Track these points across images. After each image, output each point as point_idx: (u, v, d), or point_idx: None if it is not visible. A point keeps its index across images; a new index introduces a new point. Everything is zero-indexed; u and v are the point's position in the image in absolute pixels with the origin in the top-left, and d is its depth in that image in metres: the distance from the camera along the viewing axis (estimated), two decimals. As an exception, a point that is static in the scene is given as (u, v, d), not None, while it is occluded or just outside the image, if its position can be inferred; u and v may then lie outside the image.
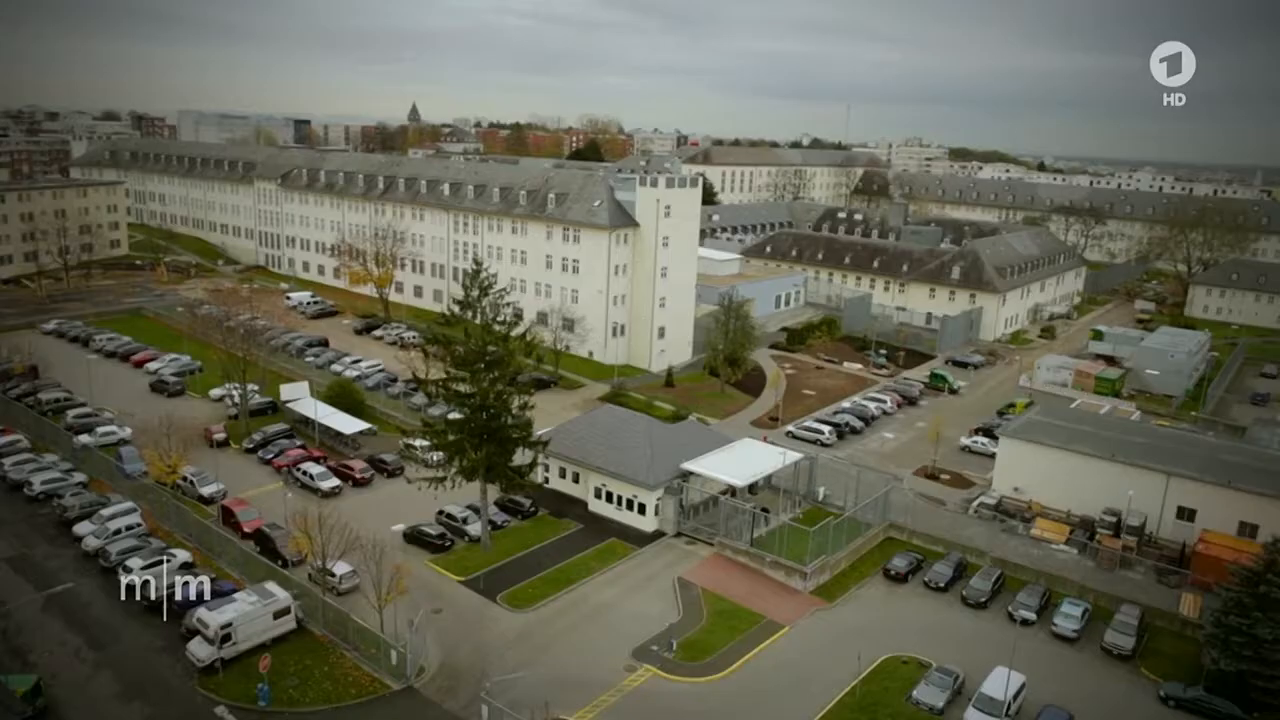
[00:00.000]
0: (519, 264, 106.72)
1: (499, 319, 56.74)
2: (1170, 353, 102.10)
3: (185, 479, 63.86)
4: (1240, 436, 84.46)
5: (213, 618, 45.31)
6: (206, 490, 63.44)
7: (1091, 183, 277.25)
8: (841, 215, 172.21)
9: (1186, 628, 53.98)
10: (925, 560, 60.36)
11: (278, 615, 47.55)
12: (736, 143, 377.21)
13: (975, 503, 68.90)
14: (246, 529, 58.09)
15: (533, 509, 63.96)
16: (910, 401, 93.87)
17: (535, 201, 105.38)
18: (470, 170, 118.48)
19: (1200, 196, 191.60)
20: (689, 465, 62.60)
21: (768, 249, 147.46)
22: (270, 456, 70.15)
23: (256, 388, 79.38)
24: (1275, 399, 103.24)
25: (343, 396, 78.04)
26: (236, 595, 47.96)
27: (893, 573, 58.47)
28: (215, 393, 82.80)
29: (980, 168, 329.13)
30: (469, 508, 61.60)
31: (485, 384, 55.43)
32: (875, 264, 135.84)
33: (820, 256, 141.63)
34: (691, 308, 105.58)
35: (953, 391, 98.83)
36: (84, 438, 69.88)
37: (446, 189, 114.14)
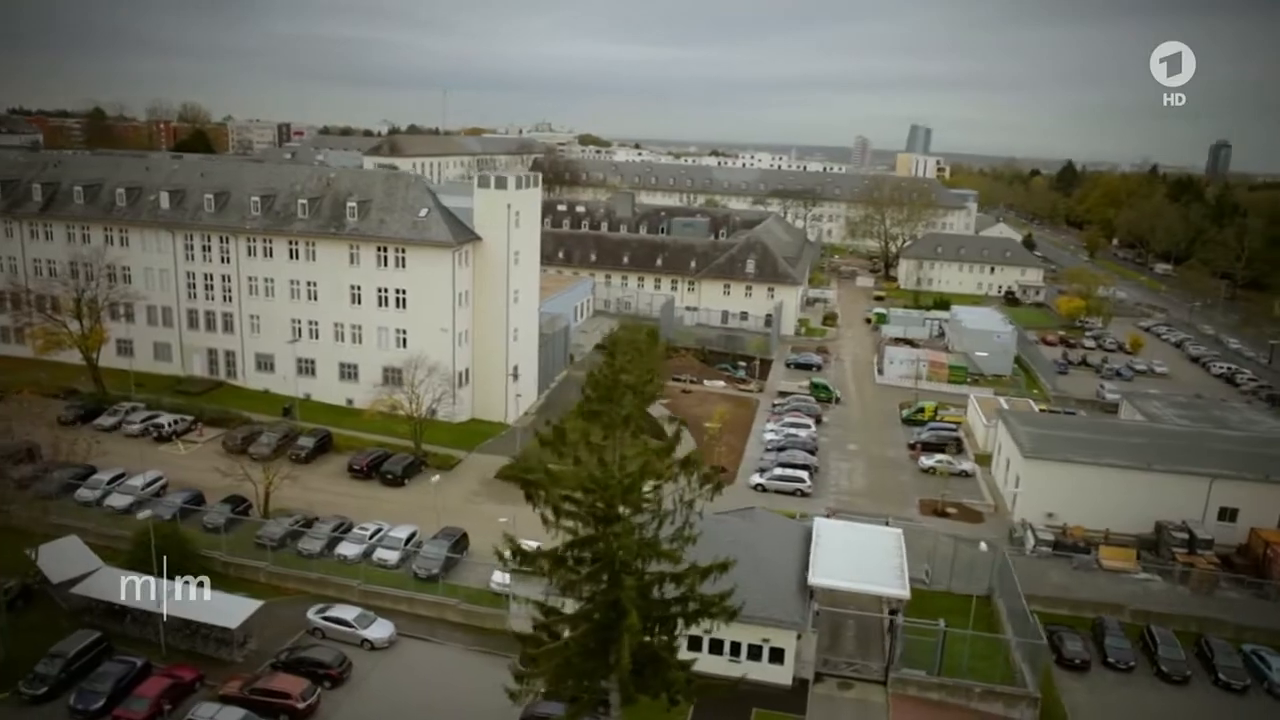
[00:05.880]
0: (305, 300, 77.32)
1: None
2: (996, 333, 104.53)
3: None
4: (1115, 412, 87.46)
5: None
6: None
7: (725, 162, 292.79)
8: (562, 208, 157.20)
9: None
10: (1069, 631, 50.40)
11: None
12: (334, 130, 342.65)
13: (1031, 542, 60.50)
14: None
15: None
16: (817, 420, 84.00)
17: (323, 213, 76.63)
18: (191, 172, 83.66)
19: (892, 177, 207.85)
20: (821, 580, 45.48)
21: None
22: (97, 707, 38.90)
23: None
24: (1072, 365, 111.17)
25: (169, 553, 47.08)
26: None
27: (1077, 661, 47.66)
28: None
29: (614, 151, 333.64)
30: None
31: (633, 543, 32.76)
32: (658, 262, 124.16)
33: (593, 257, 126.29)
34: (536, 337, 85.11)
35: (837, 401, 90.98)
36: None
37: (165, 199, 79.28)
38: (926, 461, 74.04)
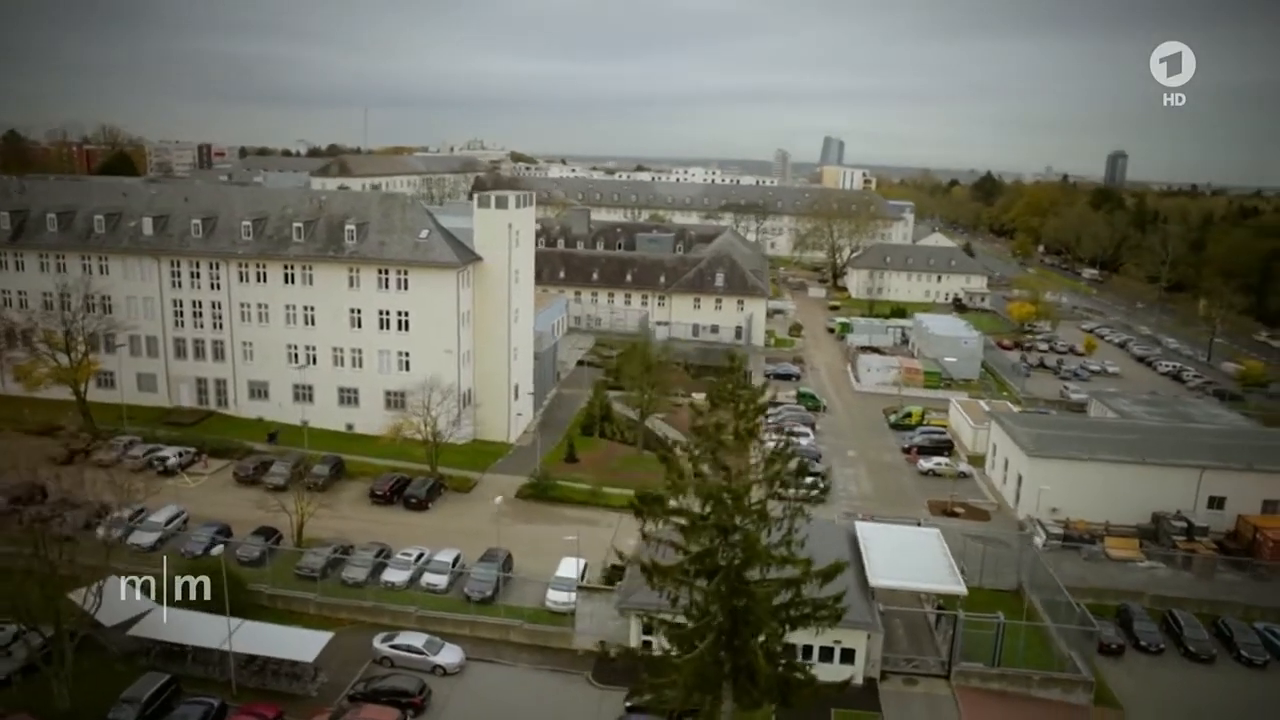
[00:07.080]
0: (302, 325, 75.93)
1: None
2: (963, 339, 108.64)
3: None
4: (1083, 411, 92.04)
5: None
6: None
7: (660, 177, 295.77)
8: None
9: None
10: (1097, 618, 53.12)
11: None
12: (251, 150, 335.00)
13: (1042, 536, 63.38)
14: None
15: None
16: (812, 428, 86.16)
17: (320, 236, 75.44)
18: (171, 196, 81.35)
19: (836, 191, 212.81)
20: (882, 580, 47.10)
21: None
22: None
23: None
24: (1033, 366, 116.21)
25: (222, 590, 45.85)
26: None
27: (1112, 646, 50.36)
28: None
29: (546, 168, 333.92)
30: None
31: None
32: (628, 278, 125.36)
33: (562, 274, 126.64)
34: (532, 355, 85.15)
35: (824, 409, 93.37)
36: None
37: (147, 225, 76.94)
38: (925, 464, 76.72)
